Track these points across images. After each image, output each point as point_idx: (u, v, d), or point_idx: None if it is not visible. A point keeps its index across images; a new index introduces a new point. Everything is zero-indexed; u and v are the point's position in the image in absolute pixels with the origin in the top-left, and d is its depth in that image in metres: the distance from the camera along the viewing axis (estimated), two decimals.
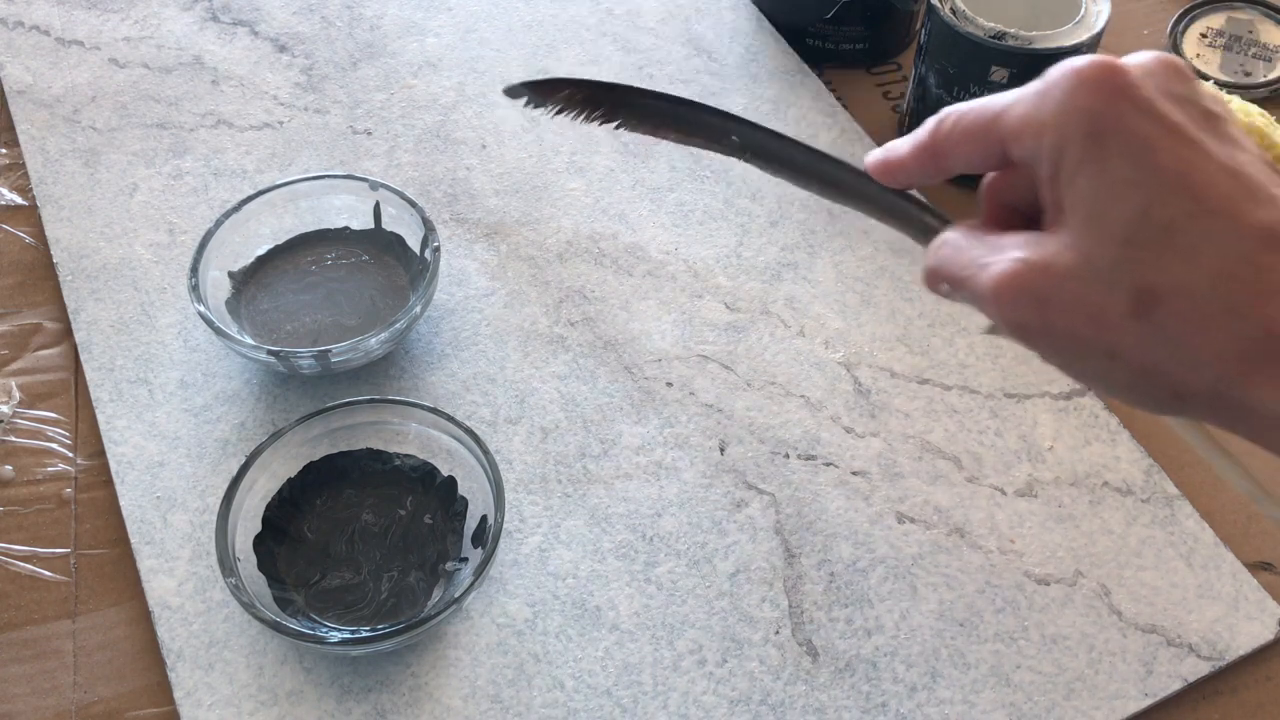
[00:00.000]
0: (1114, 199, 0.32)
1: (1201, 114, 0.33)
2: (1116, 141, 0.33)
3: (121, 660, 0.47)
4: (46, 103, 0.66)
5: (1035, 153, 0.34)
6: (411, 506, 0.50)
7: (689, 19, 0.73)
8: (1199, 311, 0.31)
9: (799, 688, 0.46)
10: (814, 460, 0.53)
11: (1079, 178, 0.33)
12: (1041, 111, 0.34)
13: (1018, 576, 0.50)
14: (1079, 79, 0.33)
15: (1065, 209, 0.34)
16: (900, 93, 0.71)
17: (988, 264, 0.35)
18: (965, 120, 0.37)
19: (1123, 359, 0.33)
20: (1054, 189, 0.34)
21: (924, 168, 0.39)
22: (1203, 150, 0.32)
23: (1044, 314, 0.33)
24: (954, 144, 0.37)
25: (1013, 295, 0.34)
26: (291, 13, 0.72)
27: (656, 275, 0.60)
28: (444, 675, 0.46)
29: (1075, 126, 0.33)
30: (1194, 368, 0.32)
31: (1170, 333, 0.32)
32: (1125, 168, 0.32)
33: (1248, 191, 0.32)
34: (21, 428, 0.54)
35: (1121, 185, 0.32)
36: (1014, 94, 0.35)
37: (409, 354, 0.56)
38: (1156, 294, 0.32)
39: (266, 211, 0.57)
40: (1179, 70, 0.34)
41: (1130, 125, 0.33)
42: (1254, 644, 0.48)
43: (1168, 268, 0.32)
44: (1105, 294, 0.32)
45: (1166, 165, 0.32)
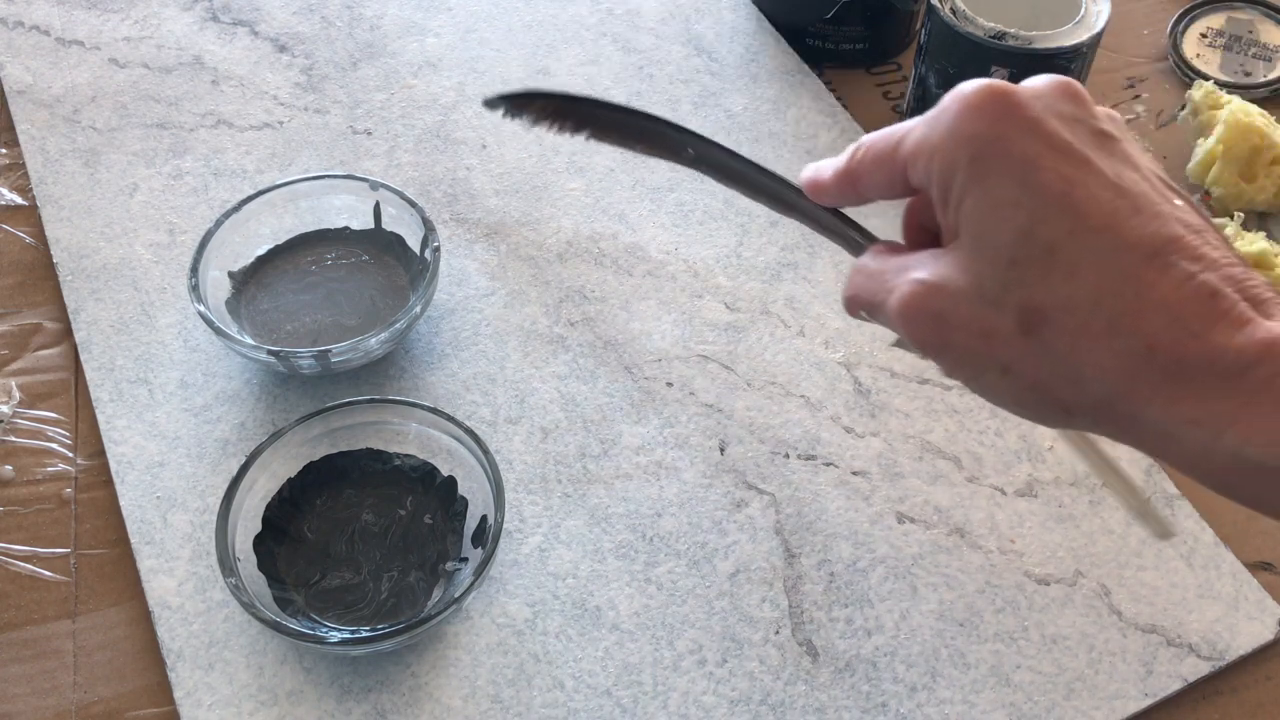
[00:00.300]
0: (999, 220, 0.33)
1: (1091, 133, 0.34)
2: (1000, 164, 0.33)
3: (121, 660, 0.47)
4: (46, 103, 0.66)
5: (928, 177, 0.36)
6: (411, 506, 0.50)
7: (689, 19, 0.73)
8: (1083, 328, 0.32)
9: (799, 688, 0.46)
10: (814, 460, 0.53)
11: (966, 200, 0.34)
12: (932, 137, 0.35)
13: (1018, 576, 0.50)
14: (965, 104, 0.34)
15: (958, 230, 0.35)
16: (900, 93, 0.71)
17: (893, 287, 0.36)
18: (874, 148, 0.38)
19: (1015, 374, 0.34)
20: (946, 211, 0.35)
21: (844, 192, 0.40)
22: (1088, 168, 0.33)
23: (942, 332, 0.35)
24: (865, 170, 0.39)
25: (915, 315, 0.35)
26: (291, 13, 0.72)
27: (656, 275, 0.60)
28: (444, 675, 0.46)
29: (961, 150, 0.34)
30: (1081, 383, 0.33)
31: (1057, 349, 0.33)
32: (1009, 189, 0.33)
33: (1132, 207, 0.32)
34: (21, 428, 0.54)
35: (1005, 206, 0.33)
36: (914, 121, 0.37)
37: (409, 354, 0.56)
38: (1042, 312, 0.33)
39: (266, 211, 0.57)
40: (1072, 92, 0.35)
41: (1013, 147, 0.33)
42: (1254, 644, 0.48)
43: (1052, 286, 0.32)
44: (995, 313, 0.33)
45: (1049, 184, 0.33)
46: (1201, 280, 0.31)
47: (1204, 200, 0.65)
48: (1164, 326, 0.31)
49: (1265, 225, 0.64)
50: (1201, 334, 0.31)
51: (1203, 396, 0.31)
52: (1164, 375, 0.31)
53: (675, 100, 0.68)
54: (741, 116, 0.67)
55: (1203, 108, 0.66)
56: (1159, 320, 0.31)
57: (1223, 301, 0.31)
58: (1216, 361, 0.31)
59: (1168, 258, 0.32)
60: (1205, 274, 0.31)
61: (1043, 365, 0.33)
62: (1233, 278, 0.32)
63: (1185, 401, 0.31)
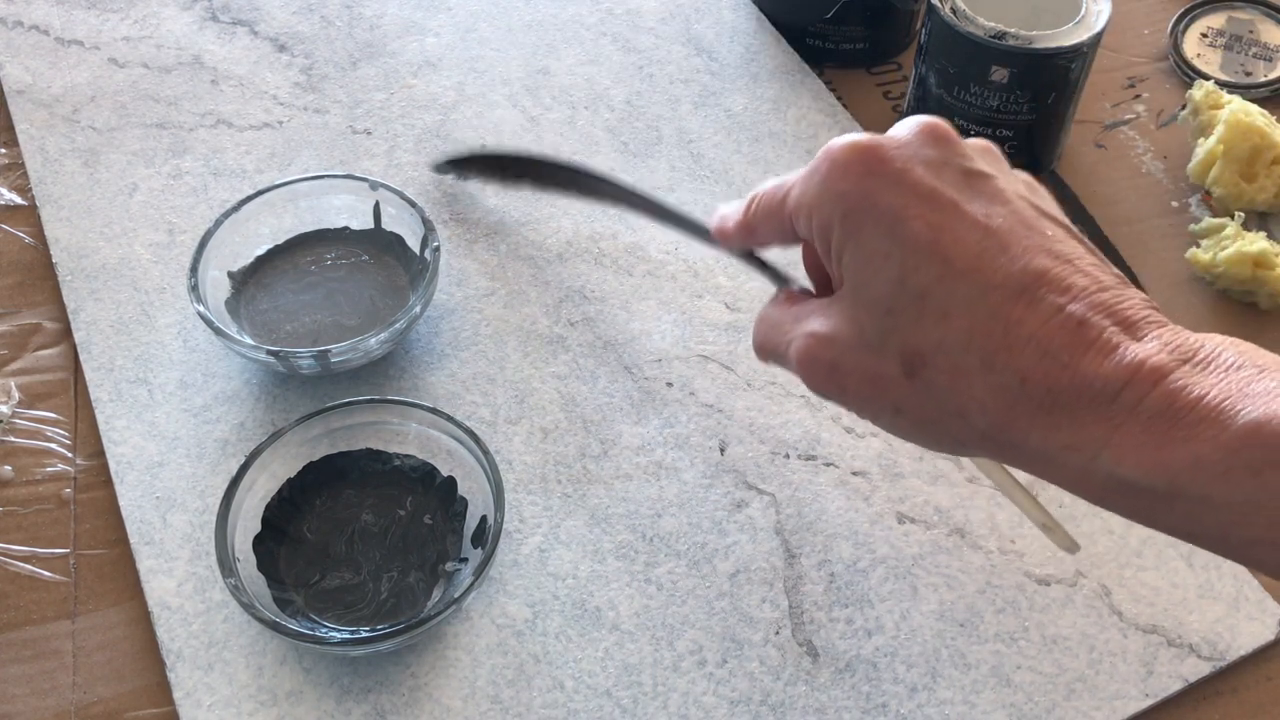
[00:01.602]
0: (873, 271, 0.35)
1: (959, 175, 0.35)
2: (869, 217, 0.35)
3: (121, 660, 0.47)
4: (46, 102, 0.66)
5: (810, 232, 0.37)
6: (411, 507, 0.50)
7: (689, 19, 0.73)
8: (959, 368, 0.34)
9: (799, 688, 0.46)
10: (814, 460, 0.53)
11: (844, 254, 0.36)
12: (807, 195, 0.37)
13: (1018, 577, 0.50)
14: (832, 163, 0.36)
15: (841, 280, 0.36)
16: (900, 93, 0.71)
17: (791, 338, 0.38)
18: (763, 202, 0.40)
19: (906, 413, 0.36)
20: (830, 263, 0.37)
21: (744, 241, 0.43)
22: (955, 212, 0.34)
23: (836, 380, 0.37)
24: (759, 223, 0.41)
25: (810, 366, 0.37)
26: (291, 12, 0.72)
27: (656, 275, 0.60)
28: (444, 676, 0.46)
29: (833, 207, 0.36)
30: (965, 417, 0.34)
31: (939, 389, 0.34)
32: (879, 241, 0.35)
33: (999, 246, 0.34)
34: (21, 428, 0.53)
35: (878, 258, 0.35)
36: (795, 176, 0.38)
37: (409, 354, 0.56)
38: (921, 355, 0.34)
39: (266, 211, 0.57)
40: (938, 135, 0.36)
41: (880, 200, 0.35)
42: (1254, 644, 0.48)
43: (927, 331, 0.34)
44: (879, 360, 0.35)
45: (917, 233, 0.34)
46: (1069, 311, 0.33)
47: (1204, 200, 0.65)
48: (1035, 360, 0.33)
49: (1265, 225, 0.64)
50: (1071, 364, 0.32)
51: (1076, 423, 0.32)
52: (1039, 406, 0.33)
53: (675, 100, 0.68)
54: (741, 116, 0.67)
55: (1203, 107, 0.66)
56: (1029, 354, 0.33)
57: (1090, 330, 0.32)
58: (1086, 389, 0.32)
59: (1035, 293, 0.33)
60: (1072, 305, 0.33)
61: (928, 404, 0.35)
62: (1101, 304, 0.33)
63: (1061, 429, 0.33)
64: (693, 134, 0.66)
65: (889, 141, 0.36)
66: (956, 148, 0.36)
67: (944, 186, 0.35)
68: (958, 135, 0.37)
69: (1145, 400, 0.31)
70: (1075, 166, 0.67)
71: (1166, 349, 0.32)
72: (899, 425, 0.37)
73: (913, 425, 0.36)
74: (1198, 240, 0.63)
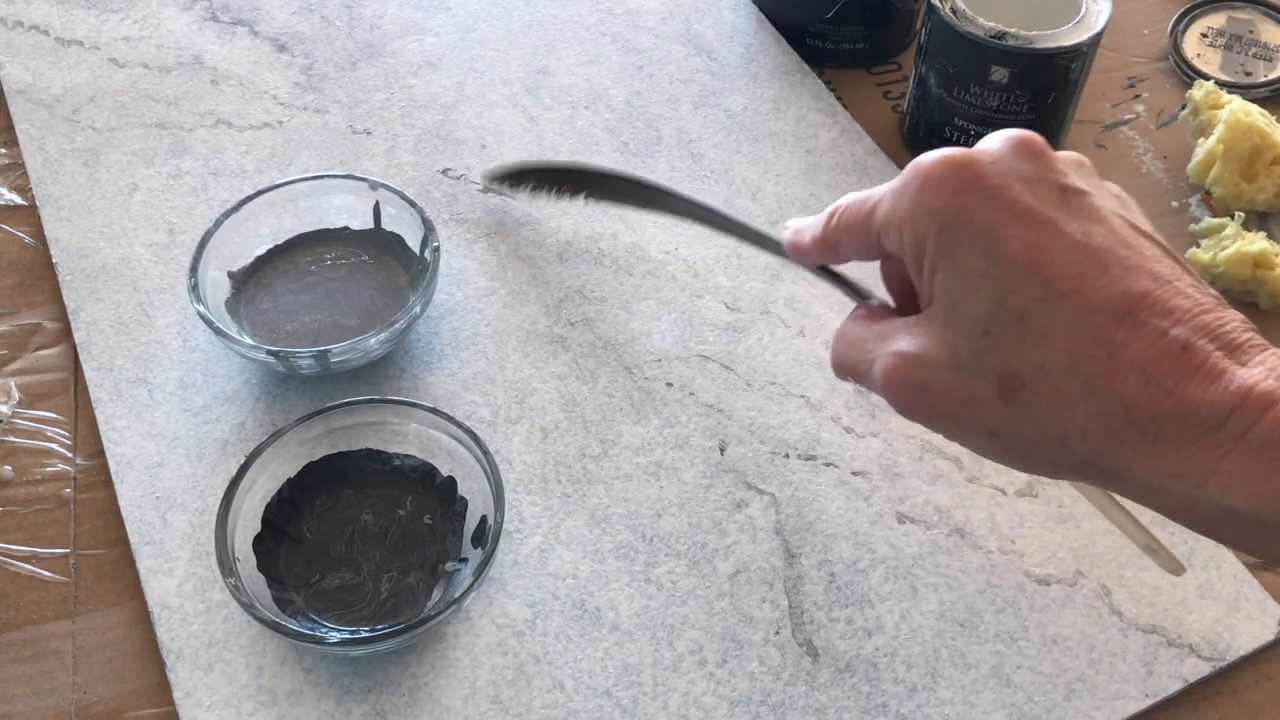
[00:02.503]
0: (969, 291, 0.34)
1: (1055, 192, 0.34)
2: (965, 235, 0.34)
3: (121, 660, 0.47)
4: (46, 102, 0.66)
5: (900, 248, 0.36)
6: (411, 507, 0.50)
7: (689, 19, 0.73)
8: (1060, 393, 0.33)
9: (799, 688, 0.46)
10: (814, 460, 0.53)
11: (938, 272, 0.35)
12: (898, 211, 0.36)
13: (1018, 577, 0.50)
14: (925, 179, 0.35)
15: (932, 298, 0.35)
16: (900, 92, 0.71)
17: (875, 358, 0.37)
18: (847, 217, 0.39)
19: (1001, 437, 0.35)
20: (920, 279, 0.36)
21: (823, 256, 0.41)
22: (1053, 231, 0.33)
23: (925, 402, 0.35)
24: (841, 239, 0.40)
25: (897, 386, 0.36)
26: (291, 12, 0.72)
27: (656, 275, 0.60)
28: (444, 676, 0.46)
29: (927, 225, 0.35)
30: (1064, 443, 0.33)
31: (1037, 414, 0.33)
32: (976, 260, 0.34)
33: (1099, 266, 0.33)
34: (21, 428, 0.53)
35: (975, 277, 0.34)
36: (884, 189, 0.37)
37: (409, 354, 0.56)
38: (1020, 379, 0.33)
39: (266, 211, 0.57)
40: (1033, 150, 0.35)
41: (976, 217, 0.34)
42: (1254, 644, 0.48)
43: (1026, 354, 0.33)
44: (974, 382, 0.34)
45: (1015, 252, 0.33)
46: (1173, 336, 0.32)
47: (1204, 200, 0.65)
48: (1139, 386, 0.32)
49: (1265, 225, 0.64)
50: (1176, 390, 0.31)
51: (1182, 451, 0.32)
52: (1143, 433, 0.32)
53: (675, 100, 0.68)
54: (741, 116, 0.67)
55: (1203, 107, 0.66)
56: (1133, 380, 0.32)
57: (1195, 355, 0.32)
58: (1192, 416, 0.31)
59: (1137, 316, 0.32)
60: (1176, 328, 0.32)
61: (1026, 428, 0.34)
62: (1204, 327, 0.32)
63: (1166, 457, 0.32)
64: (693, 134, 0.66)
65: (983, 156, 0.35)
66: (1051, 163, 0.35)
67: (1041, 204, 0.34)
68: (1050, 149, 0.36)
69: (1254, 428, 0.31)
70: None
71: (1273, 374, 0.31)
72: (992, 449, 0.36)
73: (1007, 449, 0.35)
74: (1198, 240, 0.63)
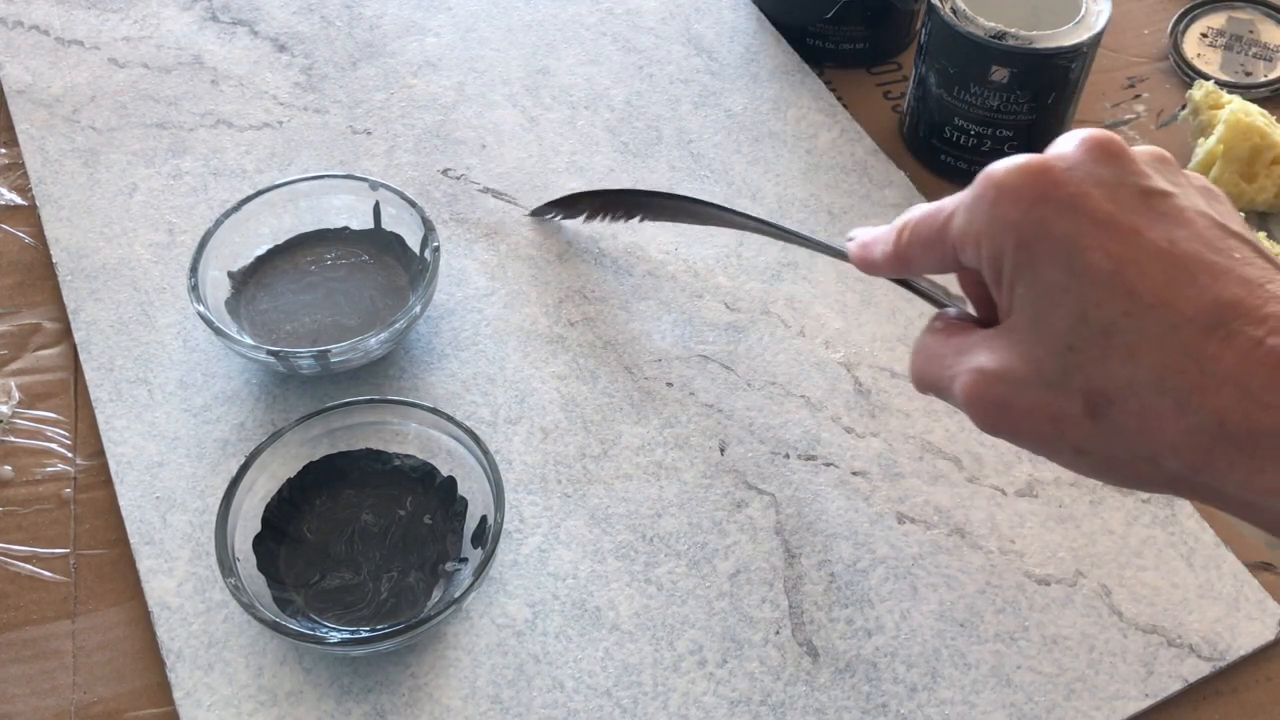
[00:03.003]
0: (1052, 305, 0.33)
1: (1136, 195, 0.33)
2: (1045, 248, 0.33)
3: (121, 660, 0.47)
4: (46, 103, 0.66)
5: (978, 262, 0.35)
6: (411, 507, 0.50)
7: (689, 19, 0.73)
8: (1150, 409, 0.31)
9: (799, 688, 0.46)
10: (814, 460, 0.53)
11: (1017, 286, 0.34)
12: (974, 224, 0.35)
13: (1018, 577, 0.50)
14: (1000, 189, 0.34)
15: (1012, 312, 0.34)
16: (900, 92, 0.71)
17: (955, 374, 0.36)
18: (919, 232, 0.38)
19: (1088, 454, 0.34)
20: (999, 293, 0.35)
21: (896, 271, 0.40)
22: (1136, 240, 0.32)
23: (1009, 418, 0.34)
24: (914, 255, 0.39)
25: (979, 404, 0.35)
26: (291, 12, 0.72)
27: (656, 275, 0.60)
28: (444, 676, 0.46)
29: (1004, 238, 0.34)
30: (1156, 460, 0.32)
31: (1127, 431, 0.32)
32: (1057, 273, 0.32)
33: (1186, 275, 0.31)
34: (21, 428, 0.53)
35: (1057, 291, 0.32)
36: (956, 201, 0.36)
37: (409, 354, 0.56)
38: (1107, 395, 0.32)
39: (266, 211, 0.57)
40: (1110, 151, 0.34)
41: (1056, 229, 0.32)
42: (1254, 644, 0.48)
43: (1113, 370, 0.32)
44: (1059, 399, 0.33)
45: (1098, 264, 0.32)
46: (1269, 346, 0.30)
47: None
48: (1234, 401, 0.30)
49: (1265, 225, 0.64)
50: (1274, 404, 0.30)
51: None
52: (1239, 449, 0.30)
53: (675, 100, 0.68)
54: (741, 116, 0.67)
55: (1203, 107, 0.66)
56: (1228, 395, 0.30)
57: None
58: None
59: (1230, 325, 0.31)
60: (1271, 338, 0.30)
61: (1114, 445, 0.33)
62: None
63: (1264, 473, 0.30)
64: (693, 134, 0.66)
65: (1058, 162, 0.33)
66: (1130, 164, 0.33)
67: (1122, 211, 0.32)
68: (1128, 147, 0.34)
69: None
70: None
71: None
72: (1079, 465, 0.34)
73: (1094, 466, 0.34)
74: None
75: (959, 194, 0.36)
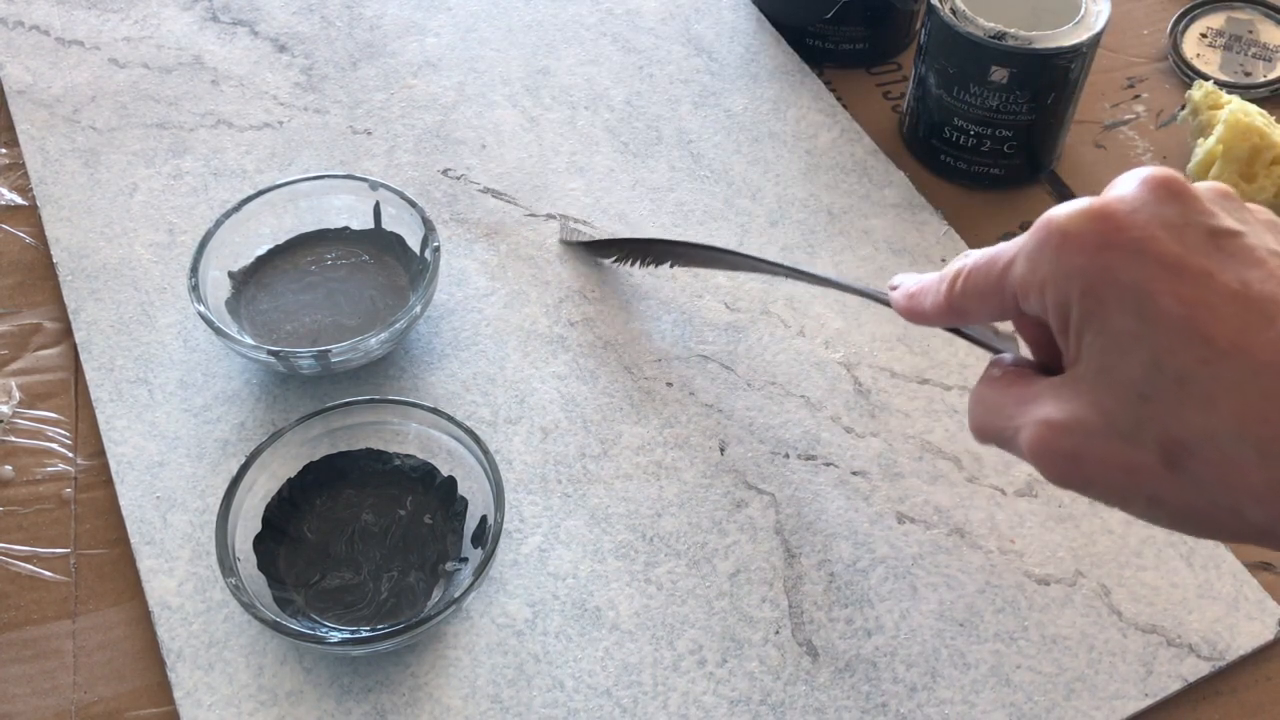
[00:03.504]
0: (1122, 354, 0.31)
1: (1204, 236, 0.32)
2: (1113, 295, 0.32)
3: (121, 660, 0.47)
4: (46, 103, 0.66)
5: (1041, 310, 0.34)
6: (411, 506, 0.50)
7: (689, 19, 0.73)
8: (1231, 459, 0.30)
9: (799, 688, 0.46)
10: (814, 460, 0.53)
11: (1085, 334, 0.32)
12: (1037, 273, 0.33)
13: (1018, 576, 0.50)
14: (1063, 236, 0.32)
15: (1080, 360, 0.33)
16: (900, 93, 0.71)
17: (1019, 426, 0.34)
18: (973, 280, 0.37)
19: (1165, 505, 0.32)
20: (1066, 341, 0.33)
21: (947, 321, 0.39)
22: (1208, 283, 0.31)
23: (1080, 471, 0.33)
24: (968, 304, 0.37)
25: (1047, 457, 0.33)
26: (291, 13, 0.72)
27: (656, 275, 0.60)
28: (444, 675, 0.46)
29: (1070, 287, 0.32)
30: (1238, 511, 0.31)
31: (1206, 484, 0.31)
32: (1127, 321, 0.31)
33: (1263, 318, 0.30)
34: (21, 428, 0.54)
35: (1127, 339, 0.31)
36: (1014, 248, 0.35)
37: (409, 354, 0.56)
38: (1185, 446, 0.31)
39: (266, 211, 0.57)
40: (1172, 190, 0.32)
41: (1123, 276, 0.31)
42: (1254, 644, 0.48)
43: (1189, 419, 0.30)
44: (1133, 450, 0.32)
45: (1169, 310, 0.31)
46: None
47: None
48: None
49: None
50: None
51: None
52: None
53: (675, 100, 0.68)
54: (741, 116, 0.67)
55: (1203, 108, 0.66)
56: None
57: None
58: None
59: None
60: None
61: (1194, 497, 0.31)
62: None
63: None
64: (692, 134, 0.66)
65: (1120, 205, 0.32)
66: (1195, 203, 0.32)
67: (1191, 253, 0.31)
68: (1190, 184, 0.33)
69: None
70: (1075, 167, 0.67)
71: None
72: (1156, 516, 0.33)
73: (1172, 517, 0.32)
74: None
75: (1015, 241, 0.35)
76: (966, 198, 0.65)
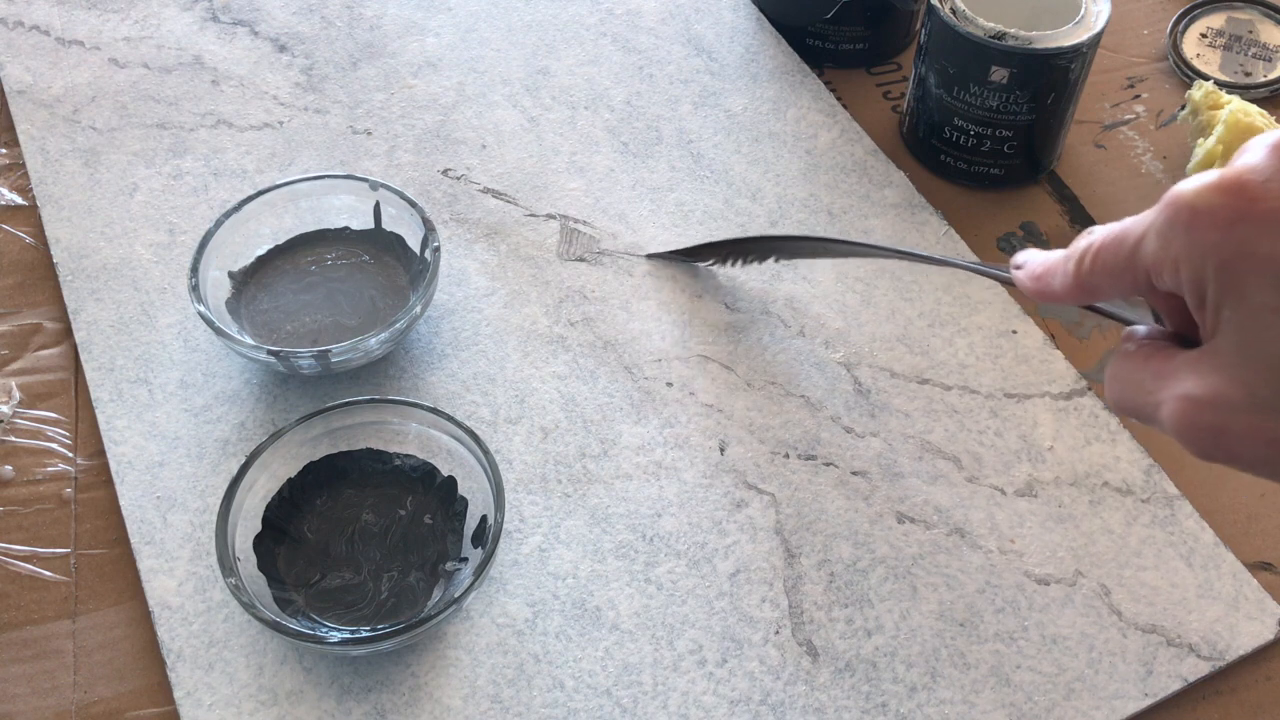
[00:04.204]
0: (1263, 328, 0.31)
1: None
2: (1250, 269, 0.31)
3: (121, 660, 0.47)
4: (46, 103, 0.66)
5: (1178, 286, 0.33)
6: (411, 506, 0.50)
7: (689, 19, 0.73)
8: None
9: (799, 688, 0.46)
10: (814, 460, 0.53)
11: (1223, 309, 0.32)
12: (1170, 251, 0.33)
13: (1018, 576, 0.50)
14: (1194, 211, 0.32)
15: (1219, 334, 0.33)
16: (900, 93, 0.71)
17: (1160, 401, 0.34)
18: (1103, 258, 0.36)
19: None
20: (1203, 316, 0.33)
21: (1081, 301, 0.39)
22: None
23: (1225, 445, 0.33)
24: (1099, 282, 0.37)
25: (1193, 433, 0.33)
26: (291, 13, 0.72)
27: (656, 275, 0.60)
28: (444, 675, 0.46)
29: (1205, 263, 0.32)
30: None
31: None
32: (1266, 294, 0.31)
33: None
34: (21, 428, 0.54)
35: (1267, 313, 0.31)
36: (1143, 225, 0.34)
37: (409, 354, 0.56)
38: None
39: (266, 211, 0.57)
40: None
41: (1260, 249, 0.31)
42: (1254, 644, 0.48)
43: None
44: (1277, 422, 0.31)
45: None
46: None
47: None
48: None
49: None
50: None
51: None
52: None
53: (675, 100, 0.68)
54: (741, 116, 0.67)
55: (1203, 108, 0.66)
56: None
57: None
58: None
59: None
60: None
61: None
62: None
63: None
64: (692, 134, 0.66)
65: (1252, 176, 0.31)
66: None
67: None
68: None
69: None
70: (1075, 167, 0.67)
71: None
72: None
73: None
74: None
75: (1143, 216, 0.34)
76: (966, 198, 0.65)
